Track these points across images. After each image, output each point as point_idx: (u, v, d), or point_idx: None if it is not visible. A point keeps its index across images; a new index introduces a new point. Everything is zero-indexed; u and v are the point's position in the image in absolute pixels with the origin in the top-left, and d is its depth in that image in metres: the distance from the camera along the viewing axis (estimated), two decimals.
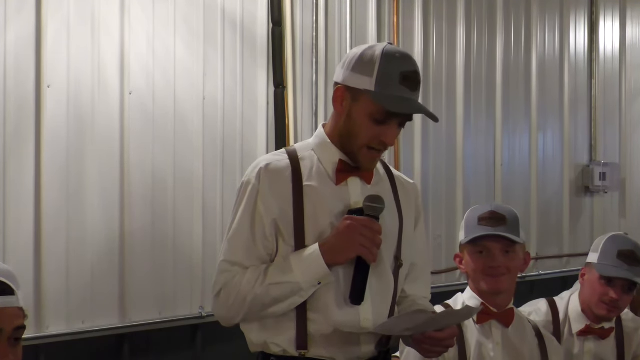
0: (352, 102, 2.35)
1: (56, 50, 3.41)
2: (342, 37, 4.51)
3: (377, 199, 2.33)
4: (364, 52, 2.37)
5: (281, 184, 2.36)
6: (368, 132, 2.34)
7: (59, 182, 3.42)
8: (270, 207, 2.34)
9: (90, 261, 3.51)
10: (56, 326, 3.41)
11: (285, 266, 2.31)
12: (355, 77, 2.34)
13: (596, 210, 6.12)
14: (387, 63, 2.32)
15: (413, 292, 2.53)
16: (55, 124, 3.41)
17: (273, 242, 2.36)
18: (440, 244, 5.00)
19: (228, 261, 2.36)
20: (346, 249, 2.28)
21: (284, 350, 2.35)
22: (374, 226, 2.29)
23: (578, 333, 3.14)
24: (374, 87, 2.31)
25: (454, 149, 5.11)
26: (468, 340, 2.81)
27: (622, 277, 3.07)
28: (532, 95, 5.66)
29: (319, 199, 2.36)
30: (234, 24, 4.02)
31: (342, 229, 2.29)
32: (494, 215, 2.82)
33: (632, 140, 6.51)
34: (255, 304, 2.32)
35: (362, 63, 2.34)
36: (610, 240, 3.17)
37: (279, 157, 2.43)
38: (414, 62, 2.38)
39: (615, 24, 6.36)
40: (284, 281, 2.29)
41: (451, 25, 5.12)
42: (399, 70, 2.31)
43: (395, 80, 2.30)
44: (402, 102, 2.31)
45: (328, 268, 2.28)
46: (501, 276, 2.80)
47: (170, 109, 3.78)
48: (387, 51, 2.34)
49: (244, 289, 2.31)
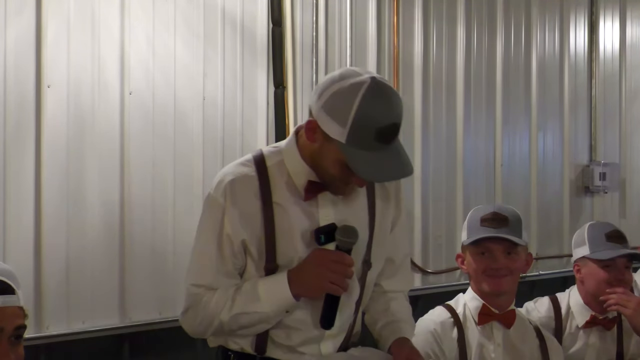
0: (324, 140, 2.18)
1: (56, 50, 3.40)
2: (342, 37, 4.51)
3: (350, 232, 2.23)
4: (343, 92, 2.13)
5: (249, 202, 2.26)
6: (338, 173, 2.20)
7: (59, 181, 3.41)
8: (238, 228, 2.25)
9: (90, 261, 3.50)
10: (56, 326, 3.40)
11: (254, 295, 2.25)
12: (328, 120, 2.14)
13: (596, 210, 6.11)
14: (363, 116, 2.09)
15: (390, 287, 2.50)
16: (55, 123, 3.40)
17: (242, 260, 2.30)
18: (441, 244, 4.99)
19: (195, 285, 2.30)
20: (316, 287, 2.23)
21: (242, 348, 2.34)
22: (344, 261, 2.21)
23: (584, 325, 3.16)
24: (344, 139, 2.11)
25: (454, 149, 5.11)
26: (469, 342, 2.81)
27: (623, 255, 3.13)
28: (532, 95, 5.65)
29: (288, 217, 2.27)
30: (234, 24, 4.01)
31: (311, 265, 2.21)
32: (497, 217, 2.82)
33: (632, 140, 6.51)
34: (221, 328, 2.30)
35: (337, 106, 2.12)
36: (591, 229, 3.23)
37: (245, 170, 2.30)
38: (396, 110, 2.14)
39: (615, 24, 6.36)
40: (252, 311, 2.25)
41: (451, 25, 5.11)
42: (376, 125, 2.09)
43: (370, 137, 2.09)
44: (374, 168, 2.12)
45: (295, 299, 2.24)
46: (503, 277, 2.80)
47: (170, 109, 3.77)
48: (366, 98, 2.10)
49: (211, 312, 2.27)
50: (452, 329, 2.83)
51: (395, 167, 2.17)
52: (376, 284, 2.49)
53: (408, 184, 4.81)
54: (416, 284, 4.86)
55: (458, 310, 2.87)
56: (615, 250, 3.13)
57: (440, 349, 2.79)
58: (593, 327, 3.17)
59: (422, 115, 4.89)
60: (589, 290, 3.17)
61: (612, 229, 3.20)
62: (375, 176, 2.19)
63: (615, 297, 3.09)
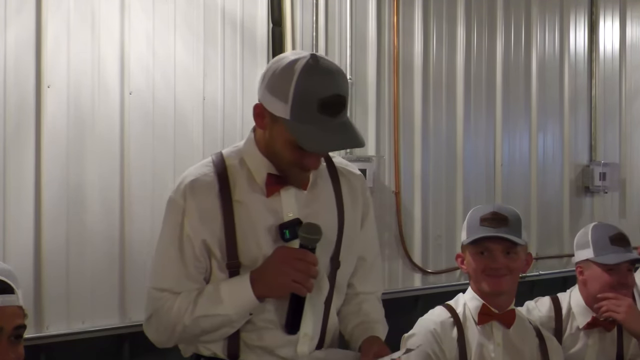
0: (271, 122, 2.18)
1: (56, 50, 3.41)
2: (342, 37, 4.51)
3: (313, 229, 2.19)
4: (282, 69, 2.13)
5: (208, 202, 2.24)
6: (290, 155, 2.18)
7: (59, 182, 3.42)
8: (198, 228, 2.23)
9: (90, 261, 3.50)
10: (56, 326, 3.41)
11: (216, 297, 2.21)
12: (271, 99, 2.14)
13: (596, 210, 6.11)
14: (303, 88, 2.08)
15: (363, 288, 2.47)
16: (55, 124, 3.41)
17: (205, 262, 2.26)
18: (440, 244, 4.99)
19: (156, 288, 2.27)
20: (278, 287, 2.18)
21: (214, 354, 2.30)
22: (307, 258, 2.17)
23: (585, 326, 3.16)
24: (289, 115, 2.10)
25: (454, 149, 5.11)
26: (469, 341, 2.81)
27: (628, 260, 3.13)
28: (532, 95, 5.65)
29: (250, 215, 2.24)
30: (234, 24, 4.01)
31: (274, 264, 2.17)
32: (496, 216, 2.81)
33: (632, 140, 6.50)
34: (185, 334, 2.26)
35: (278, 84, 2.13)
36: (595, 232, 3.22)
37: (206, 170, 2.29)
38: (337, 82, 2.12)
39: (615, 24, 6.35)
40: (214, 313, 2.21)
41: (451, 25, 5.11)
42: (317, 96, 2.07)
43: (313, 109, 2.07)
44: (320, 139, 2.09)
45: (259, 300, 2.20)
46: (502, 277, 2.80)
47: (170, 109, 3.78)
48: (304, 71, 2.09)
49: (173, 318, 2.23)
50: (452, 328, 2.83)
51: (342, 138, 2.14)
52: (349, 285, 2.45)
53: (408, 184, 4.82)
54: (416, 284, 4.86)
55: (458, 310, 2.87)
56: (620, 254, 3.13)
57: (440, 348, 2.79)
58: (594, 328, 3.17)
59: (422, 115, 4.89)
60: (592, 293, 3.17)
61: (615, 232, 3.20)
62: (320, 146, 2.14)
63: (606, 303, 3.10)
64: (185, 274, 2.25)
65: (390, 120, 4.73)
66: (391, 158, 4.72)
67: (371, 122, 4.62)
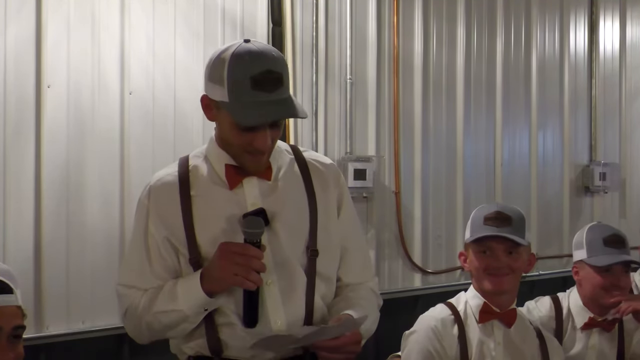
0: (217, 111, 2.25)
1: (56, 50, 3.41)
2: (342, 37, 4.51)
3: (253, 223, 2.19)
4: (217, 57, 2.20)
5: (169, 199, 2.30)
6: (239, 140, 2.22)
7: (59, 182, 3.42)
8: (159, 225, 2.28)
9: (90, 261, 3.51)
10: (56, 326, 3.41)
11: (172, 293, 2.24)
12: (211, 86, 2.22)
13: (596, 210, 6.12)
14: (235, 68, 2.14)
15: (350, 279, 2.44)
16: (55, 124, 3.41)
17: (172, 259, 2.30)
18: (440, 244, 4.99)
19: (123, 285, 2.33)
20: (220, 280, 2.19)
21: (197, 351, 2.32)
22: (248, 252, 2.17)
23: (582, 327, 3.16)
24: (227, 98, 2.16)
25: (454, 149, 5.11)
26: (470, 339, 2.81)
27: (619, 262, 3.11)
28: (532, 95, 5.66)
29: (209, 207, 2.27)
30: (234, 24, 4.01)
31: (215, 258, 2.20)
32: (500, 216, 2.82)
33: (632, 140, 6.51)
34: (150, 329, 2.30)
35: (214, 70, 2.20)
36: (590, 233, 3.22)
37: (169, 171, 2.37)
38: (267, 59, 2.17)
39: (615, 24, 6.36)
40: (170, 309, 2.24)
41: (451, 25, 5.12)
42: (249, 74, 2.13)
43: (247, 87, 2.13)
44: (254, 112, 2.14)
45: (209, 296, 2.21)
46: (504, 276, 2.80)
47: (170, 109, 3.78)
48: (235, 54, 2.16)
49: (139, 314, 2.29)
50: (453, 326, 2.83)
51: (276, 109, 2.18)
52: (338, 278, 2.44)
53: (408, 184, 4.82)
54: (416, 284, 4.86)
55: (459, 308, 2.87)
56: (612, 256, 3.12)
57: (441, 345, 2.79)
58: (592, 328, 3.17)
59: (422, 115, 4.89)
60: (586, 294, 3.18)
61: (610, 233, 3.19)
62: (254, 119, 2.16)
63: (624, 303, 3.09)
64: (150, 271, 2.30)
65: (390, 120, 4.73)
66: (391, 158, 4.72)
67: (371, 122, 4.62)
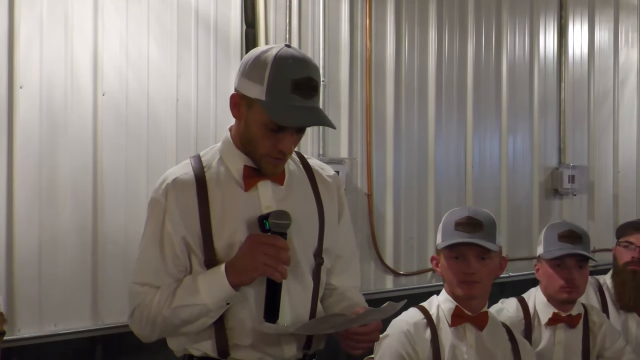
0: (247, 109, 2.28)
1: (29, 51, 3.38)
2: (315, 39, 4.52)
3: (282, 214, 2.24)
4: (258, 57, 2.26)
5: (187, 198, 2.30)
6: (265, 141, 2.26)
7: (31, 183, 3.39)
8: (177, 224, 2.29)
9: (63, 263, 3.48)
10: (28, 329, 3.38)
11: (193, 287, 2.26)
12: (248, 84, 2.25)
13: (565, 212, 6.17)
14: (278, 70, 2.20)
15: (341, 283, 2.50)
16: (28, 125, 3.38)
17: (185, 259, 2.32)
18: (412, 246, 5.01)
19: (138, 283, 2.34)
20: (249, 270, 2.21)
21: (205, 353, 2.34)
22: (277, 243, 2.21)
23: (547, 322, 3.22)
24: (264, 97, 2.20)
25: (426, 151, 5.13)
26: (442, 343, 2.83)
27: (568, 254, 3.20)
28: (502, 98, 5.69)
29: (226, 209, 2.30)
30: (208, 25, 4.01)
31: (244, 249, 2.22)
32: (471, 221, 2.83)
33: (600, 143, 6.57)
34: (166, 325, 2.31)
35: (254, 69, 2.24)
36: (549, 229, 3.32)
37: (185, 170, 2.37)
38: (309, 67, 2.25)
39: (584, 28, 6.42)
40: (191, 303, 2.25)
41: (423, 28, 5.14)
42: (290, 77, 2.19)
43: (287, 89, 2.19)
44: (292, 113, 2.20)
45: (234, 289, 2.23)
46: (475, 283, 2.83)
47: (144, 110, 3.76)
48: (279, 56, 2.22)
49: (153, 310, 2.29)
50: (425, 329, 2.85)
51: (314, 116, 2.25)
52: (327, 283, 2.49)
53: (380, 186, 4.84)
54: (388, 286, 4.88)
55: (431, 312, 2.89)
56: (564, 249, 3.19)
57: (414, 349, 2.81)
58: (557, 324, 3.23)
59: (394, 117, 4.91)
60: (545, 290, 3.26)
61: (566, 229, 3.26)
62: (293, 121, 2.22)
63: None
64: (164, 270, 2.31)
65: (363, 123, 4.74)
66: (363, 160, 4.73)
67: (344, 124, 4.63)
